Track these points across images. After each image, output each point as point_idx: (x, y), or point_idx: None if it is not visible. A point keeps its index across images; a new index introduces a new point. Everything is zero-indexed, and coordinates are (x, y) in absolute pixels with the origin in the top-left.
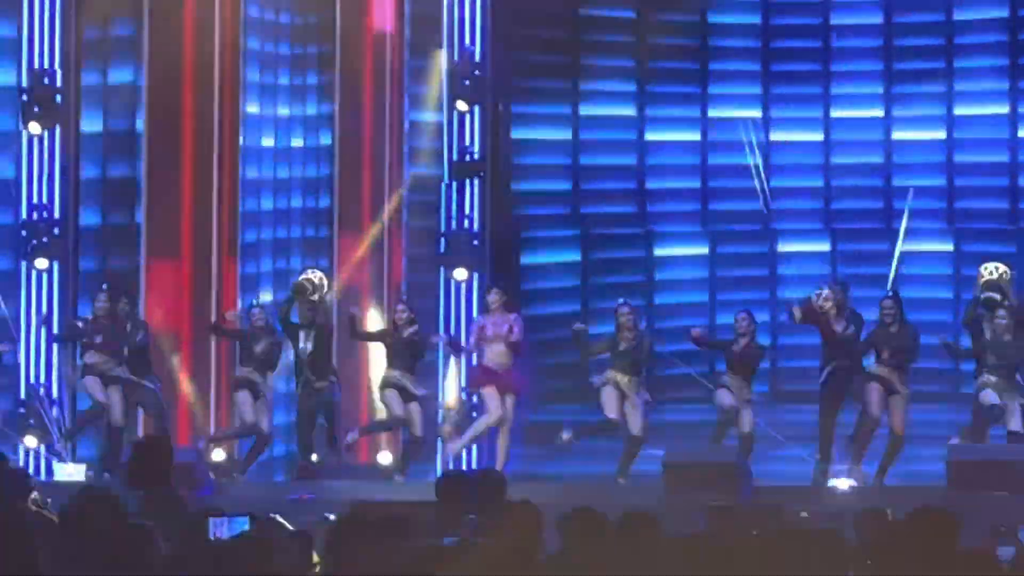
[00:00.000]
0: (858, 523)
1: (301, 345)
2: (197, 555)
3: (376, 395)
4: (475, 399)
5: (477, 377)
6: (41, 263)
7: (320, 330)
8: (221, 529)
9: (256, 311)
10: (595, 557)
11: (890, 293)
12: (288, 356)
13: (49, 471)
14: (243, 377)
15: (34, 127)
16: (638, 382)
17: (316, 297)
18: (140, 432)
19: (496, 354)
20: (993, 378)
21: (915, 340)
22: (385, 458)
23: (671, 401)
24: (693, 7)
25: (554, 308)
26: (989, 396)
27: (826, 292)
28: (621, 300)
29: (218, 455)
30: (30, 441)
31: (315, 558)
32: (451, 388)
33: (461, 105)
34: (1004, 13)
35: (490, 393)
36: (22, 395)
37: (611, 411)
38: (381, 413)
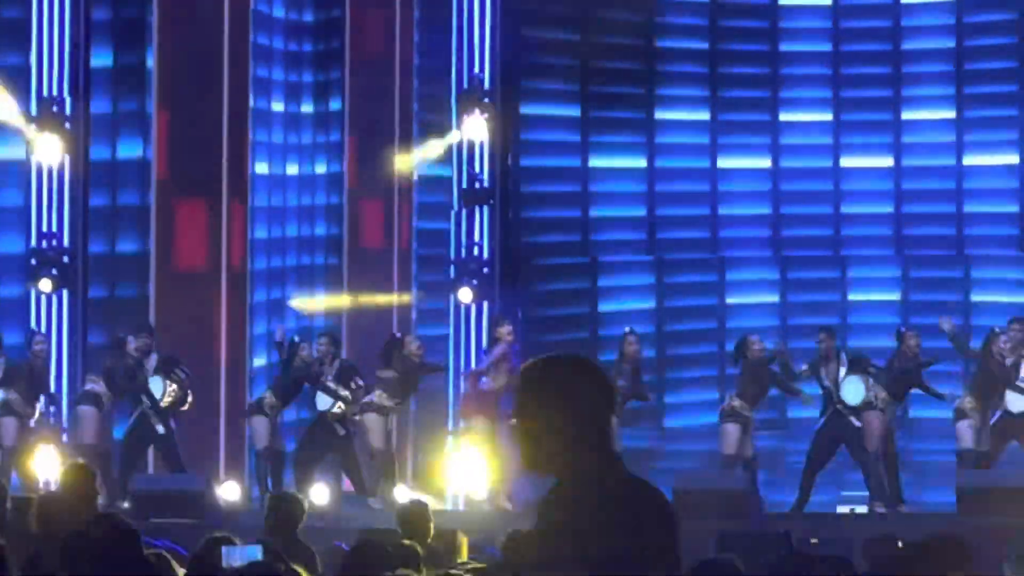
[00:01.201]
0: (868, 550)
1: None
2: None
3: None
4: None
5: (471, 405)
6: (45, 285)
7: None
8: (234, 558)
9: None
10: None
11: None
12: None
13: None
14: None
15: (44, 152)
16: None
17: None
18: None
19: (498, 382)
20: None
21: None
22: (403, 492)
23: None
24: (702, 35)
25: (562, 336)
26: (964, 438)
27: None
28: (628, 328)
29: (231, 492)
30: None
31: None
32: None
33: (471, 125)
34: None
35: (482, 423)
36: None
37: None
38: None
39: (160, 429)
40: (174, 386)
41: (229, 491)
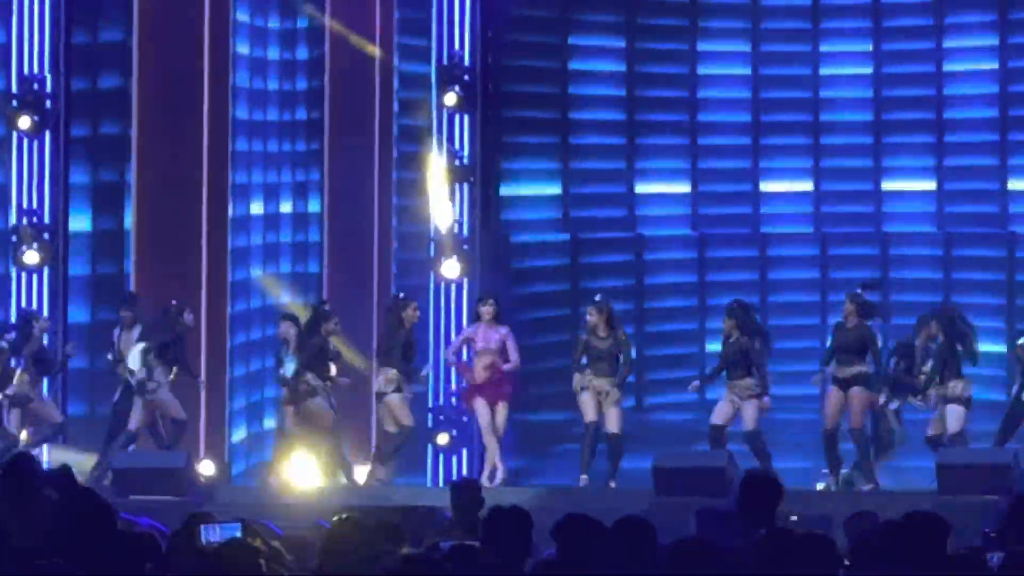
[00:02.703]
0: (848, 526)
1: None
2: (187, 560)
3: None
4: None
5: (465, 392)
6: (31, 257)
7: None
8: (212, 535)
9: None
10: (591, 562)
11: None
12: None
13: None
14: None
15: (24, 123)
16: (613, 383)
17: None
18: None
19: (484, 367)
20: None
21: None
22: (379, 471)
23: (659, 408)
24: (682, 11)
25: (543, 313)
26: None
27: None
28: (598, 297)
29: (207, 467)
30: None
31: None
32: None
33: (450, 99)
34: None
35: (480, 405)
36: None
37: (590, 415)
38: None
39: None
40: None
41: (206, 468)
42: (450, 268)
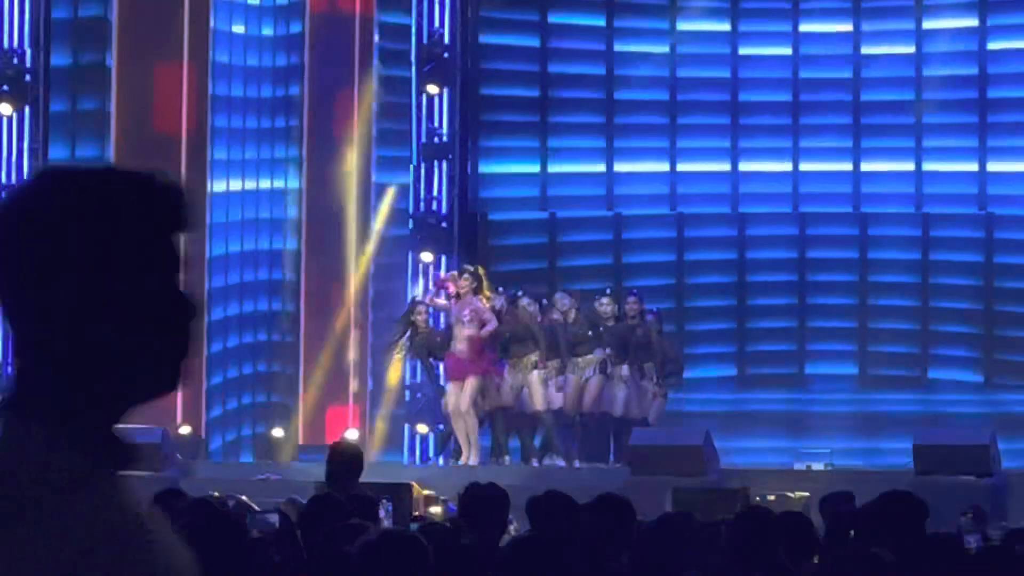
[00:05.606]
0: (824, 506)
1: None
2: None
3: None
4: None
5: (448, 369)
6: None
7: None
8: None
9: None
10: (566, 539)
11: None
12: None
13: None
14: None
15: (4, 107)
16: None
17: None
18: None
19: (458, 341)
20: None
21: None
22: (353, 435)
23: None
24: None
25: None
26: None
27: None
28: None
29: (184, 429)
30: None
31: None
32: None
33: (432, 88)
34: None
35: (451, 389)
36: None
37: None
38: None
39: None
40: None
41: (184, 429)
42: (426, 256)
